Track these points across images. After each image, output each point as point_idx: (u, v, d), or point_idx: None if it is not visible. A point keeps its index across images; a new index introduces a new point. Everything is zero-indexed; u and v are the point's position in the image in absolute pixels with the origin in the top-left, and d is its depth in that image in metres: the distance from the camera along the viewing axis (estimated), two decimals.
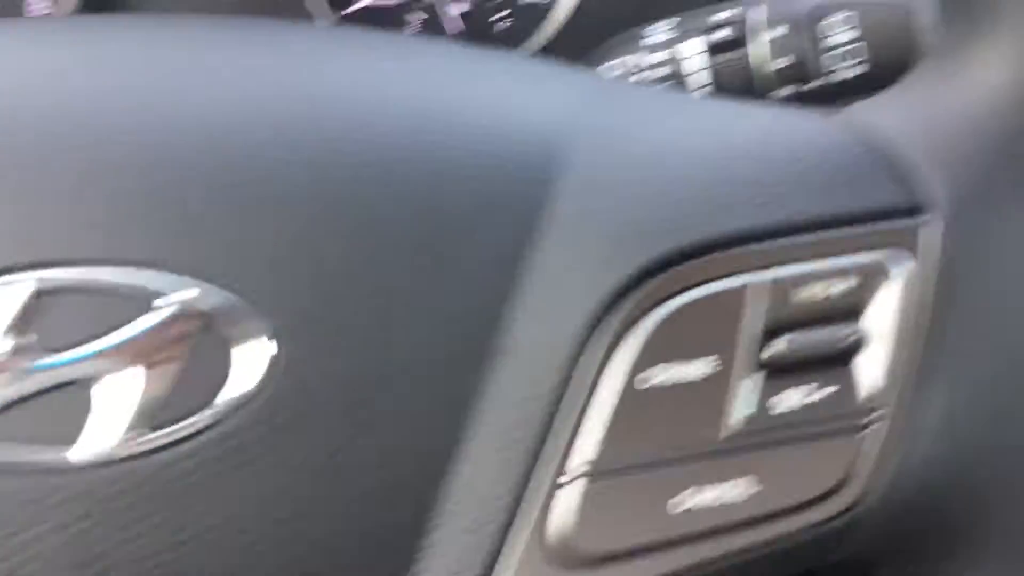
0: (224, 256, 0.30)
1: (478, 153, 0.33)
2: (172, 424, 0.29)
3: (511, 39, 0.65)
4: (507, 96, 0.35)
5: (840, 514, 0.32)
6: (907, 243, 0.33)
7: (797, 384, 0.32)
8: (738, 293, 0.32)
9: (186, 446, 0.29)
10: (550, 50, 0.64)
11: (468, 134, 0.33)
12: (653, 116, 0.36)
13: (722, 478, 0.32)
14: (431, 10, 0.65)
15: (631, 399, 0.31)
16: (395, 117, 0.33)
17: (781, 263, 0.32)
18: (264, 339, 0.30)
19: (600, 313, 0.32)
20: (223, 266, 0.30)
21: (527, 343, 0.31)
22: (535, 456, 0.31)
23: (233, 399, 0.30)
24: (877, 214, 0.33)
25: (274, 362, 0.30)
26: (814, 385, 0.32)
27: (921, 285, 0.33)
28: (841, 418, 0.32)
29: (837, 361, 0.32)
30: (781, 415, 0.32)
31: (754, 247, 0.32)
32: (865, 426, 0.32)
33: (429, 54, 0.38)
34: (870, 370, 0.33)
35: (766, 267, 0.32)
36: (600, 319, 0.32)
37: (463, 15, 0.66)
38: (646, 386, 0.32)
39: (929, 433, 0.33)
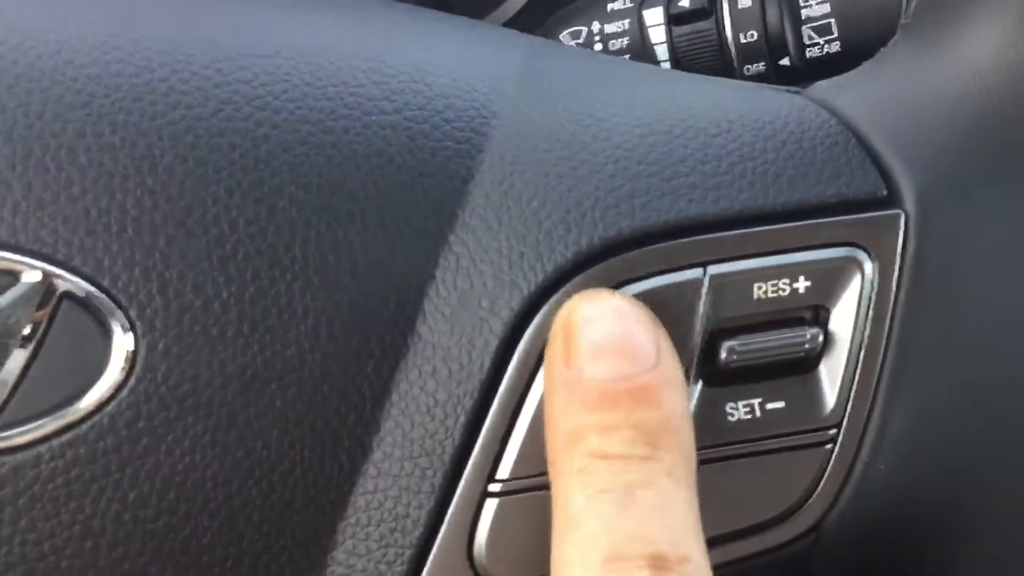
0: (76, 237, 0.27)
1: (395, 123, 0.29)
2: (19, 425, 0.26)
3: (481, 4, 0.62)
4: (435, 60, 0.32)
5: (800, 536, 0.30)
6: (872, 239, 0.30)
7: (751, 393, 0.29)
8: (687, 288, 0.29)
9: (36, 450, 0.26)
10: (521, 17, 0.61)
11: (382, 101, 0.30)
12: (599, 87, 0.32)
13: None
14: None
15: None
16: (299, 79, 0.29)
17: (735, 257, 0.29)
18: (119, 331, 0.27)
19: (529, 306, 0.28)
20: (75, 248, 0.27)
21: (446, 339, 0.28)
22: (458, 465, 0.28)
23: (88, 399, 0.27)
24: (838, 206, 0.30)
25: (131, 358, 0.27)
26: (770, 394, 0.29)
27: (885, 285, 0.29)
28: (799, 433, 0.29)
29: (795, 369, 0.29)
30: (733, 426, 0.29)
31: (703, 238, 0.29)
32: (825, 442, 0.29)
33: (356, 9, 0.34)
34: (830, 380, 0.29)
35: (718, 260, 0.29)
36: (530, 313, 0.28)
37: None
38: None
39: (894, 449, 0.30)
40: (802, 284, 0.29)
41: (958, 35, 0.31)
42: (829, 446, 0.29)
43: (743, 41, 0.46)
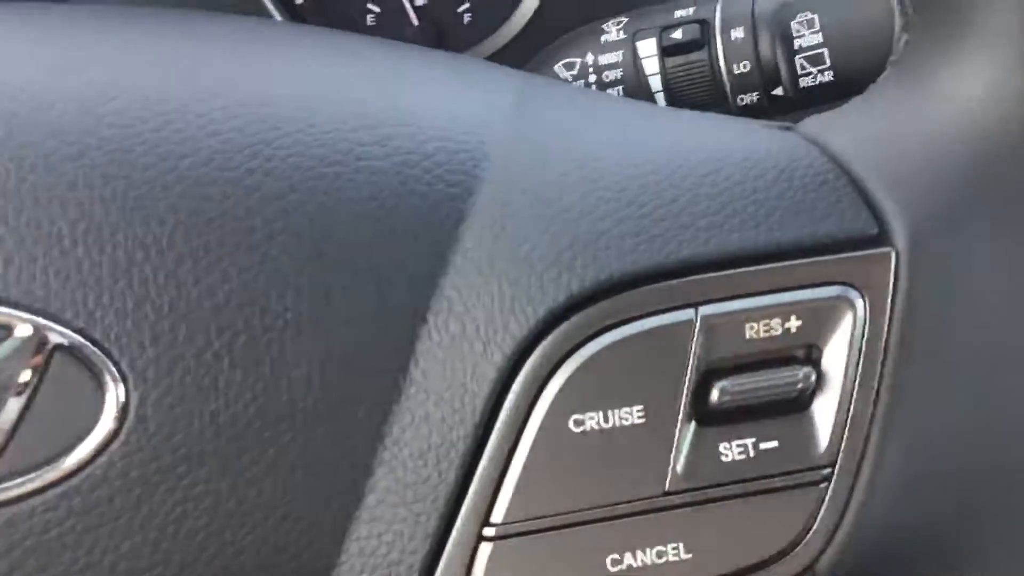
0: (66, 290, 0.27)
1: (386, 168, 0.29)
2: (13, 478, 0.26)
3: (476, 31, 0.62)
4: (426, 101, 0.32)
5: None
6: (863, 278, 0.29)
7: (744, 433, 0.29)
8: (679, 330, 0.29)
9: (29, 503, 0.26)
10: (517, 43, 0.61)
11: (373, 145, 0.30)
12: (590, 126, 0.32)
13: (664, 537, 0.29)
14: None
15: (561, 446, 0.28)
16: (291, 126, 0.30)
17: (726, 297, 0.29)
18: (111, 383, 0.27)
19: (520, 351, 0.28)
20: (66, 301, 0.27)
21: (439, 384, 0.28)
22: (453, 509, 0.28)
23: (81, 451, 0.27)
24: (829, 245, 0.30)
25: (124, 409, 0.27)
26: (763, 434, 0.29)
27: (877, 324, 0.29)
28: (793, 472, 0.29)
29: (788, 408, 0.29)
30: (727, 467, 0.29)
31: (694, 279, 0.29)
32: (819, 481, 0.29)
33: (347, 52, 0.34)
34: (823, 419, 0.29)
35: (710, 301, 0.29)
36: (523, 356, 0.28)
37: (425, 6, 0.63)
38: (577, 431, 0.28)
39: (889, 488, 0.29)
40: (794, 323, 0.29)
41: (948, 73, 0.31)
42: (823, 485, 0.29)
43: (736, 72, 0.46)
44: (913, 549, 0.30)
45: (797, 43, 0.46)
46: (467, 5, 0.63)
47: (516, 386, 0.28)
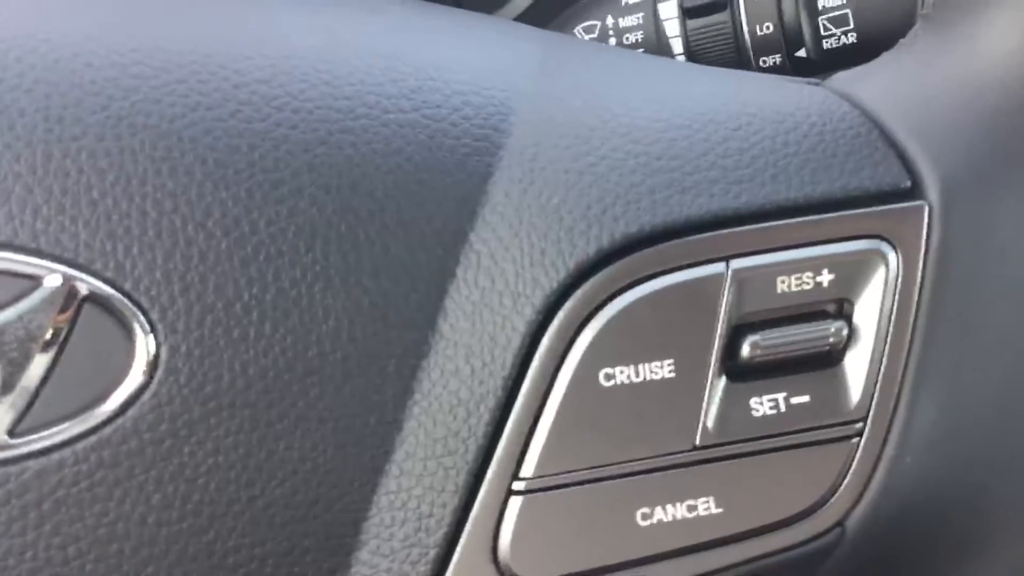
0: (96, 241, 0.27)
1: (414, 121, 0.29)
2: (43, 430, 0.26)
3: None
4: (452, 56, 0.32)
5: (823, 533, 0.29)
6: (896, 231, 0.29)
7: (776, 388, 0.29)
8: (710, 283, 0.29)
9: (59, 454, 0.26)
10: (536, 9, 0.61)
11: (400, 99, 0.29)
12: (619, 81, 0.32)
13: (695, 491, 0.28)
14: None
15: (591, 399, 0.28)
16: (317, 79, 0.29)
17: (758, 251, 0.29)
18: (143, 334, 0.27)
19: (550, 304, 0.28)
20: (96, 252, 0.27)
21: (468, 338, 0.28)
22: (482, 464, 0.28)
23: (111, 402, 0.26)
24: (862, 199, 0.29)
25: (153, 361, 0.26)
26: (794, 389, 0.29)
27: (910, 277, 0.29)
28: (824, 427, 0.29)
29: (820, 363, 0.29)
30: (758, 421, 0.29)
31: (728, 232, 0.29)
32: (850, 436, 0.29)
33: (372, 8, 0.34)
34: (855, 374, 0.29)
35: (741, 255, 0.29)
36: (552, 311, 0.28)
37: None
38: (608, 385, 0.28)
39: (920, 443, 0.29)
40: (826, 277, 0.29)
41: (980, 24, 0.31)
42: (855, 440, 0.29)
43: (759, 33, 0.46)
44: (943, 505, 0.30)
45: (821, 4, 0.45)
46: None
47: (546, 340, 0.28)
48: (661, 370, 0.28)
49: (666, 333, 0.29)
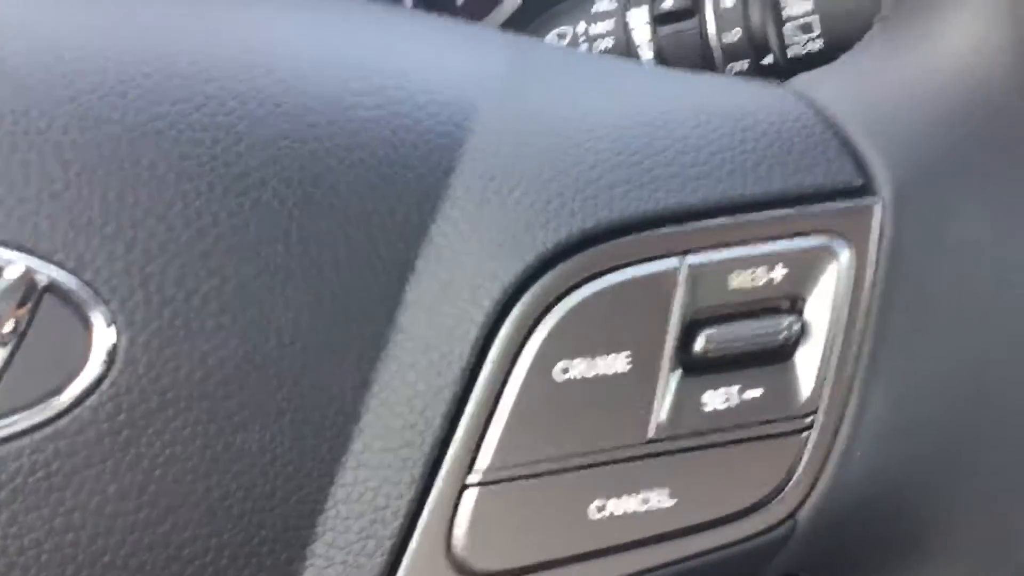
0: (58, 231, 0.27)
1: (378, 117, 0.29)
2: None
3: (473, 10, 0.62)
4: (420, 56, 0.32)
5: (775, 526, 0.30)
6: (848, 228, 0.30)
7: (728, 382, 0.29)
8: (665, 278, 0.29)
9: (16, 444, 0.26)
10: (510, 25, 0.61)
11: (365, 96, 0.30)
12: (582, 82, 0.32)
13: (648, 483, 0.29)
14: None
15: (547, 392, 0.29)
16: (283, 74, 0.30)
17: (712, 246, 0.29)
18: (103, 325, 0.27)
19: (508, 298, 0.28)
20: (57, 242, 0.27)
21: (426, 330, 0.28)
22: (438, 456, 0.28)
23: (69, 393, 0.27)
24: (816, 195, 0.30)
25: (112, 351, 0.27)
26: (746, 383, 0.29)
27: (862, 274, 0.29)
28: (775, 421, 0.29)
29: (772, 358, 0.29)
30: (710, 415, 0.29)
31: (682, 228, 0.29)
32: (801, 430, 0.29)
33: (341, 6, 0.35)
34: (807, 369, 0.30)
35: (696, 250, 0.29)
36: (509, 304, 0.28)
37: None
38: (563, 379, 0.29)
39: (871, 438, 0.30)
40: (779, 273, 0.29)
41: (934, 26, 0.32)
42: (806, 434, 0.29)
43: (726, 40, 0.46)
44: (894, 500, 0.30)
45: (786, 12, 0.46)
46: None
47: (503, 333, 0.28)
48: (616, 364, 0.29)
49: (621, 327, 0.29)
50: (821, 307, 0.30)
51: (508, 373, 0.28)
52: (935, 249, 0.30)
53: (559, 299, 0.29)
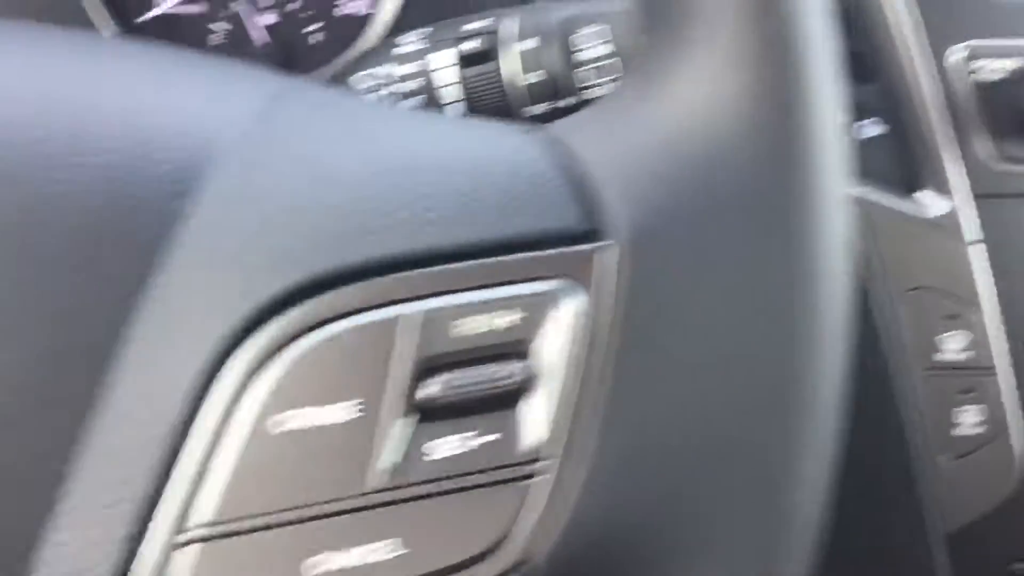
0: None
1: (98, 164, 0.28)
2: None
3: (325, 52, 0.61)
4: (163, 101, 0.31)
5: (509, 570, 0.29)
6: (580, 273, 0.29)
7: (455, 430, 0.29)
8: (387, 327, 0.28)
9: None
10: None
11: (92, 142, 0.29)
12: (336, 128, 0.32)
13: (367, 536, 0.28)
14: (236, 20, 0.62)
15: (261, 446, 0.28)
16: (12, 118, 0.29)
17: (437, 293, 0.29)
18: None
19: (225, 350, 0.28)
20: None
21: (144, 383, 0.27)
22: (147, 514, 0.27)
23: None
24: (547, 241, 0.29)
25: None
26: (473, 431, 0.29)
27: (595, 319, 0.29)
28: (502, 468, 0.29)
29: (499, 403, 0.29)
30: (435, 464, 0.28)
31: (406, 275, 0.29)
32: (528, 476, 0.29)
33: (94, 52, 0.34)
34: (535, 414, 0.29)
35: (419, 297, 0.29)
36: (225, 357, 0.28)
37: (271, 26, 0.62)
38: (279, 431, 0.28)
39: (604, 482, 0.29)
40: (508, 318, 0.29)
41: (672, 73, 0.32)
42: (534, 479, 0.29)
43: (523, 84, 0.46)
44: (629, 542, 0.30)
45: (583, 55, 0.46)
46: (315, 27, 0.62)
47: (216, 386, 0.28)
48: (335, 414, 0.28)
49: (343, 377, 0.28)
50: (552, 352, 0.29)
51: (222, 427, 0.27)
52: (674, 293, 0.30)
53: (279, 349, 0.28)
